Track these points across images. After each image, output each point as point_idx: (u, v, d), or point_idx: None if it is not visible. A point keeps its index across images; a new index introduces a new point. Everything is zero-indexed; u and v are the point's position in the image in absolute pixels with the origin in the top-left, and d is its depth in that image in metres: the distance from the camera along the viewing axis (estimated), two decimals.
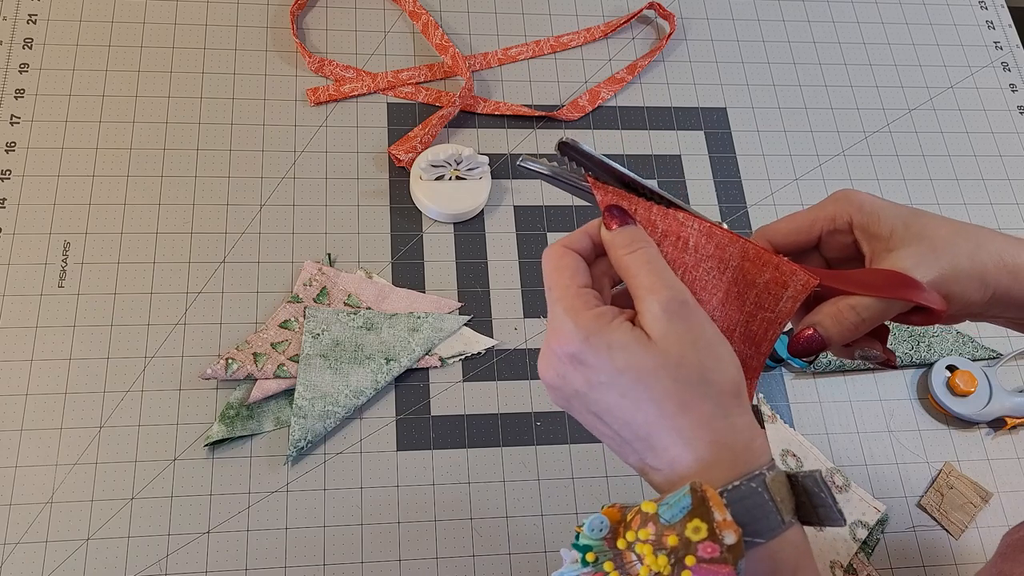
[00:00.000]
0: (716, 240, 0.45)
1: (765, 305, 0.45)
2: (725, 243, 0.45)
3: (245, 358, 0.68)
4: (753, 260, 0.44)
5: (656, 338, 0.39)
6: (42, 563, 0.62)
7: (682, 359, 0.39)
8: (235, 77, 0.81)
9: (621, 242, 0.42)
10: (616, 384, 0.40)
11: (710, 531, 0.35)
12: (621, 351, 0.39)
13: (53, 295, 0.70)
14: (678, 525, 0.36)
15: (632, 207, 0.44)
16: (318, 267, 0.73)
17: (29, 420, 0.66)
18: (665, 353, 0.39)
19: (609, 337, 0.39)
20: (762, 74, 0.90)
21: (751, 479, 0.38)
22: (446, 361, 0.72)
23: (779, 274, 0.44)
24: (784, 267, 0.44)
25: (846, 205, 0.46)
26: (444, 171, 0.76)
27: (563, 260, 0.43)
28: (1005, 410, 0.74)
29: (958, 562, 0.70)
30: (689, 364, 0.39)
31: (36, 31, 0.80)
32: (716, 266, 0.45)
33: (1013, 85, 0.94)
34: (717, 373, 0.40)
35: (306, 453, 0.68)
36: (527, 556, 0.66)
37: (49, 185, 0.74)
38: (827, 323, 0.44)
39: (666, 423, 0.39)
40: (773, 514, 0.38)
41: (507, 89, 0.85)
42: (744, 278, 0.45)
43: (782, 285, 0.44)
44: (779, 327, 0.45)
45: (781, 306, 0.45)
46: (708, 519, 0.36)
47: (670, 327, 0.40)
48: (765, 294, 0.45)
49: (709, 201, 0.82)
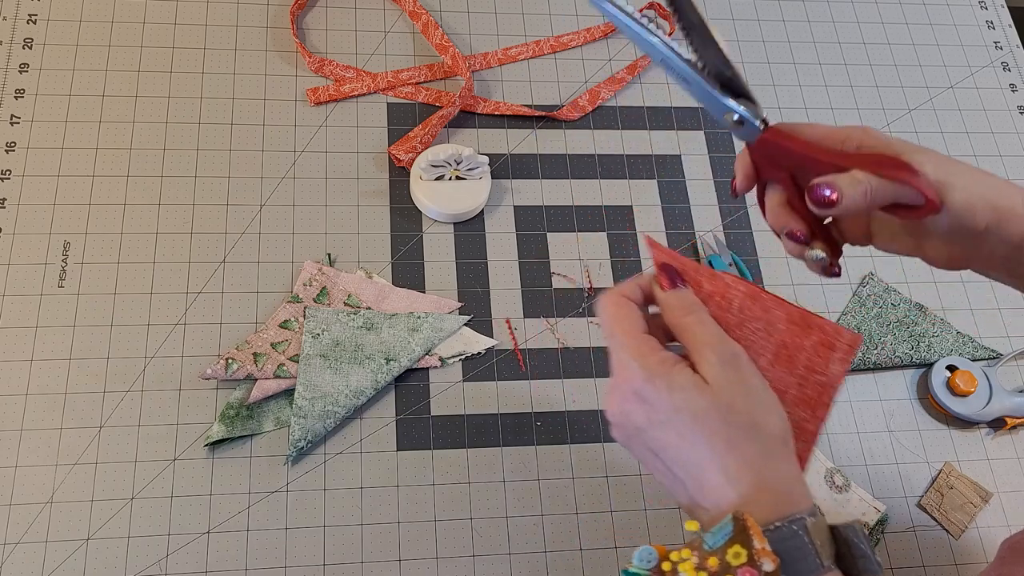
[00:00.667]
0: (762, 303, 0.47)
1: (816, 368, 0.47)
2: (770, 306, 0.47)
3: (245, 358, 0.68)
4: (799, 323, 0.46)
5: (711, 383, 0.43)
6: (42, 563, 0.62)
7: (733, 403, 0.42)
8: (235, 77, 0.81)
9: (678, 305, 0.46)
10: (673, 422, 0.43)
11: (749, 557, 0.37)
12: (680, 391, 0.42)
13: (53, 295, 0.70)
14: (719, 551, 0.38)
15: (682, 266, 0.47)
16: (318, 267, 0.73)
17: (29, 420, 0.66)
18: (718, 396, 0.42)
19: (671, 379, 0.43)
20: (762, 74, 0.90)
21: (792, 521, 0.40)
22: (446, 361, 0.72)
23: (824, 335, 0.46)
24: (828, 328, 0.46)
25: (858, 131, 0.48)
26: (444, 171, 0.76)
27: (623, 309, 0.46)
28: (1005, 410, 0.74)
29: (958, 562, 0.70)
30: (739, 409, 0.42)
31: (36, 31, 0.80)
32: (763, 328, 0.47)
33: (1013, 85, 0.94)
34: (764, 419, 0.43)
35: (306, 453, 0.68)
36: (527, 556, 0.66)
37: (49, 185, 0.74)
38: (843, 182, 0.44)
39: (715, 462, 0.42)
40: (812, 557, 0.39)
41: (507, 89, 0.85)
42: (792, 341, 0.46)
43: (829, 347, 0.46)
44: (833, 391, 0.47)
45: (832, 368, 0.46)
46: (748, 546, 0.38)
47: (724, 374, 0.43)
48: (815, 356, 0.46)
49: (709, 201, 0.82)
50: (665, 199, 0.82)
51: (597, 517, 0.69)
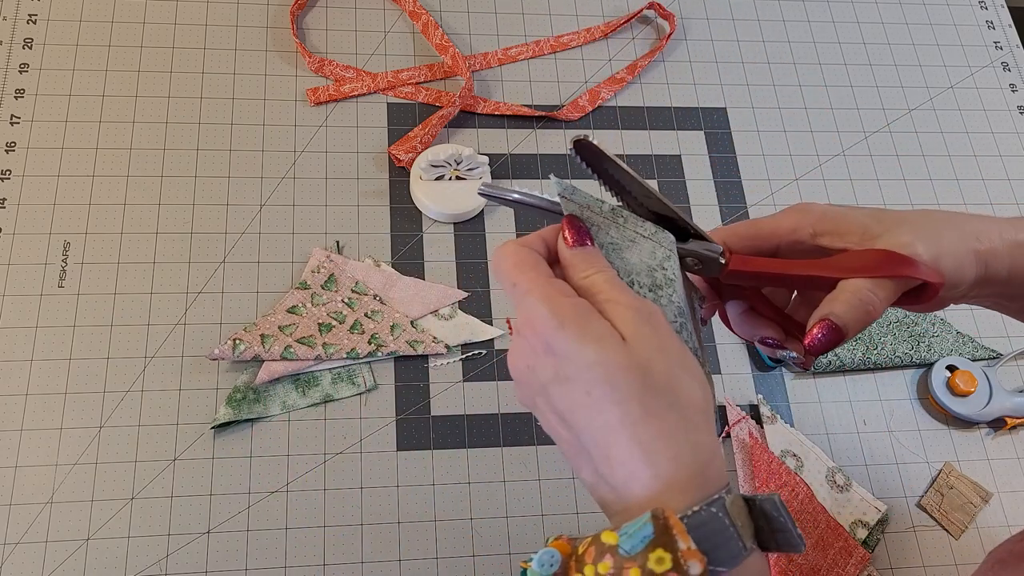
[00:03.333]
0: (814, 505, 0.66)
1: (839, 564, 0.65)
2: (819, 510, 0.66)
3: (252, 339, 0.68)
4: (833, 529, 0.66)
5: (628, 339, 0.38)
6: (42, 563, 0.62)
7: (651, 363, 0.38)
8: (235, 77, 0.81)
9: (582, 263, 0.41)
10: (583, 379, 0.38)
11: (674, 561, 0.33)
12: (594, 343, 0.37)
13: (53, 295, 0.70)
14: (639, 556, 0.34)
15: None
16: (326, 254, 0.74)
17: (29, 420, 0.66)
18: (635, 354, 0.37)
19: (584, 328, 0.38)
20: (762, 74, 0.90)
21: (711, 503, 0.36)
22: (452, 349, 0.72)
23: (847, 545, 0.66)
24: (850, 541, 0.66)
25: (806, 216, 0.45)
26: (444, 171, 0.76)
27: (523, 255, 0.41)
28: (1005, 410, 0.74)
29: (958, 562, 0.70)
30: (657, 371, 0.38)
31: (36, 31, 0.80)
32: (810, 520, 0.66)
33: (1013, 85, 0.94)
34: (684, 386, 0.38)
35: (306, 453, 0.67)
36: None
37: (49, 185, 0.74)
38: (841, 310, 0.41)
39: (627, 431, 0.37)
40: (735, 540, 0.36)
41: (507, 89, 0.85)
42: (824, 540, 0.65)
43: (848, 553, 0.66)
44: None
45: (847, 571, 0.65)
46: (672, 548, 0.34)
47: (640, 331, 0.38)
48: (839, 557, 0.66)
49: (709, 201, 0.82)
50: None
51: (597, 517, 0.69)
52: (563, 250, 0.42)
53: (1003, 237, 0.45)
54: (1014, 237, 0.45)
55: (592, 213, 0.43)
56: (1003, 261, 0.45)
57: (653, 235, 0.43)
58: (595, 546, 0.36)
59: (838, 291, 0.42)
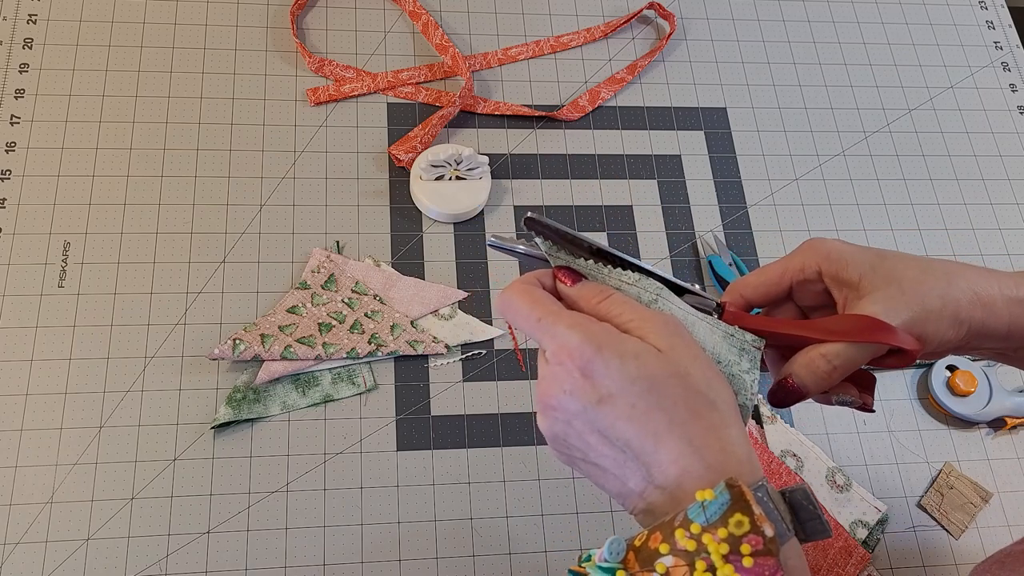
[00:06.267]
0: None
1: (839, 563, 0.66)
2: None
3: (252, 339, 0.68)
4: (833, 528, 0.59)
5: (665, 350, 0.40)
6: (42, 563, 0.62)
7: (688, 369, 0.40)
8: (235, 77, 0.81)
9: (591, 293, 0.43)
10: (627, 394, 0.39)
11: (752, 524, 0.36)
12: (634, 359, 0.40)
13: (53, 295, 0.70)
14: (718, 522, 0.36)
15: None
16: (326, 254, 0.74)
17: (29, 420, 0.66)
18: (675, 363, 0.40)
19: (622, 348, 0.40)
20: (762, 74, 0.90)
21: (757, 488, 0.38)
22: (452, 349, 0.72)
23: (847, 545, 0.67)
24: (850, 541, 0.68)
25: (813, 255, 0.47)
26: (444, 171, 0.76)
27: (537, 294, 0.43)
28: (1005, 410, 0.74)
29: (958, 562, 0.70)
30: (695, 375, 0.40)
31: (36, 31, 0.80)
32: None
33: (1013, 85, 0.94)
34: (718, 386, 0.41)
35: (306, 453, 0.67)
36: (527, 556, 0.66)
37: (49, 185, 0.74)
38: (802, 372, 0.44)
39: (676, 431, 0.39)
40: (780, 522, 0.38)
41: (507, 89, 0.85)
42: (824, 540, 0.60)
43: (848, 553, 0.67)
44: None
45: (847, 571, 0.66)
46: (748, 512, 0.36)
47: (673, 340, 0.41)
48: (839, 557, 0.67)
49: (709, 201, 0.82)
50: (665, 199, 0.82)
51: (598, 517, 0.69)
52: (565, 290, 0.44)
53: (1003, 293, 0.45)
54: (1015, 294, 0.46)
55: (577, 267, 0.45)
56: (1002, 318, 0.45)
57: (637, 282, 0.45)
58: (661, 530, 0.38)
59: (799, 355, 0.45)
